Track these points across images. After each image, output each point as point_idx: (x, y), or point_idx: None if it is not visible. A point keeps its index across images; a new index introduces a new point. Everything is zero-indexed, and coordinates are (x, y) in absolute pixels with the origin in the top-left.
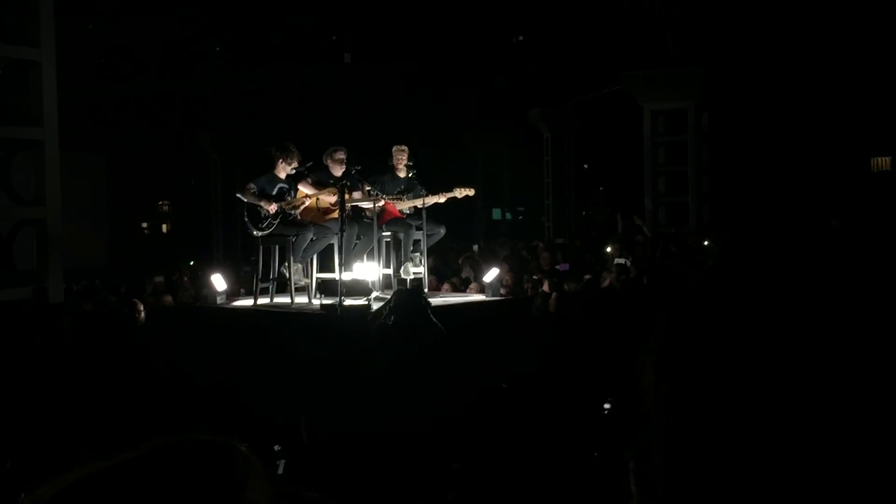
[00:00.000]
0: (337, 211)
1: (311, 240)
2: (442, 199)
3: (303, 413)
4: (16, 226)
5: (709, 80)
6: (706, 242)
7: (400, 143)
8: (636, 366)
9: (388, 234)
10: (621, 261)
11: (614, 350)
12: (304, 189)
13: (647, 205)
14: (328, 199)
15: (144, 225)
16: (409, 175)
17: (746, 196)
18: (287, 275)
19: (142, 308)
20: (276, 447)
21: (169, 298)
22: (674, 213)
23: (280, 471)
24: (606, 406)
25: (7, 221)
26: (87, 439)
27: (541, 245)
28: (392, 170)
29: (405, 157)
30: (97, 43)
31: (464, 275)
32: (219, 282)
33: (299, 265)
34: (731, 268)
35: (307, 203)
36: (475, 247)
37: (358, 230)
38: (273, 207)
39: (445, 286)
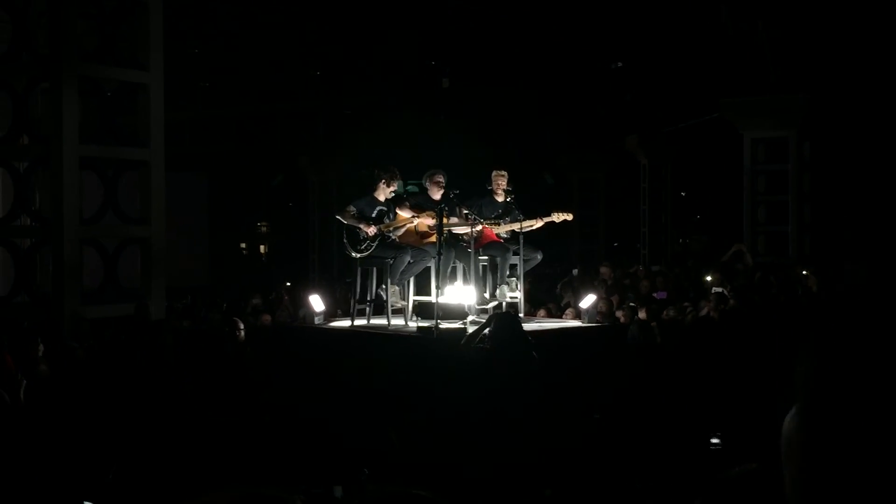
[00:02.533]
0: (434, 234)
1: (409, 262)
2: (539, 223)
3: (391, 428)
4: (121, 244)
5: (811, 108)
6: (805, 273)
7: (499, 168)
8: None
9: (485, 258)
10: (719, 289)
11: (713, 381)
12: (402, 213)
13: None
14: (426, 222)
15: (243, 245)
16: (507, 199)
17: (848, 226)
18: (384, 297)
19: (242, 326)
20: (365, 471)
21: (268, 318)
22: (773, 242)
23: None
24: (714, 441)
25: (113, 239)
26: (185, 454)
27: (640, 271)
28: (490, 194)
29: (504, 181)
30: (201, 66)
31: (563, 301)
32: (317, 302)
33: (396, 287)
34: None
35: (407, 226)
36: (574, 271)
37: (455, 254)
38: (372, 230)
39: (541, 312)
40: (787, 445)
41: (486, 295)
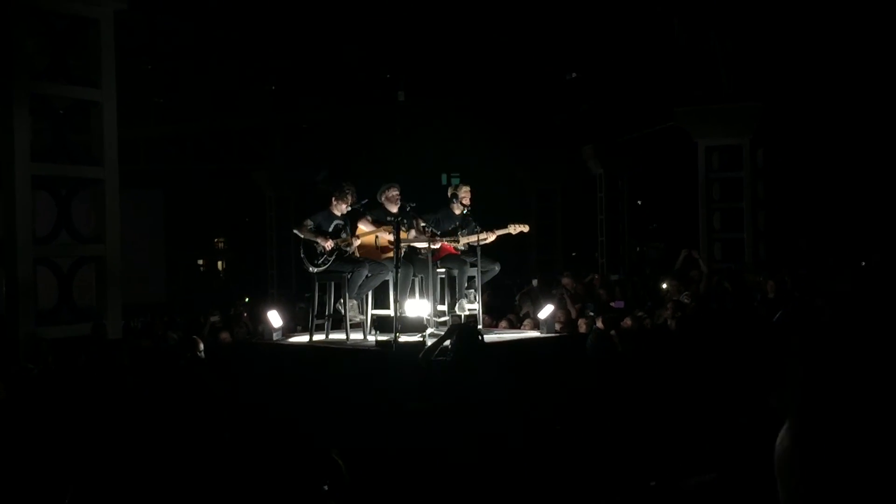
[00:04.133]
0: (392, 248)
1: (367, 276)
2: (494, 237)
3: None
4: (76, 262)
5: (764, 116)
6: (761, 279)
7: (463, 183)
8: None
9: (443, 270)
10: (685, 298)
11: (671, 389)
12: (363, 227)
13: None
14: (385, 236)
15: (200, 262)
16: (464, 212)
17: (802, 231)
18: (342, 311)
19: (202, 347)
20: (325, 487)
21: (226, 336)
22: (729, 249)
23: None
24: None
25: (68, 258)
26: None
27: (597, 280)
28: (446, 207)
29: (469, 195)
30: (154, 83)
31: (522, 311)
32: (275, 318)
33: (355, 302)
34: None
35: (362, 240)
36: (534, 282)
37: (414, 267)
38: (329, 244)
39: (503, 323)
40: (781, 461)
41: (444, 308)
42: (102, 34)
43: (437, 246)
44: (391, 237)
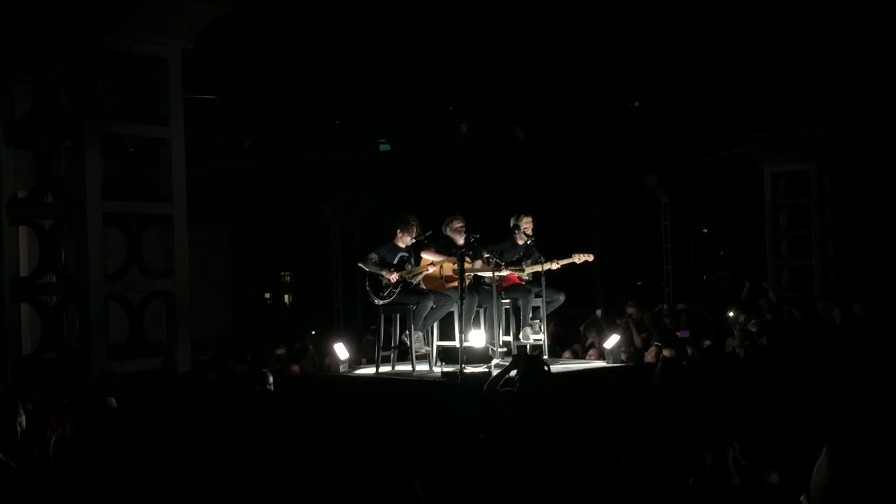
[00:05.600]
0: (457, 279)
1: (432, 308)
2: (560, 265)
3: (415, 477)
4: (146, 298)
5: (830, 141)
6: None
7: (525, 213)
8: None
9: (508, 301)
10: (752, 327)
11: (743, 419)
12: (427, 256)
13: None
14: (448, 266)
15: (267, 295)
16: (528, 242)
17: (874, 258)
18: (408, 343)
19: (271, 379)
20: None
21: (296, 368)
22: (797, 277)
23: None
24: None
25: (138, 294)
26: None
27: (665, 309)
28: (511, 237)
29: (531, 225)
30: (221, 119)
31: (587, 341)
32: (341, 350)
33: (420, 333)
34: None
35: (429, 271)
36: (598, 312)
37: (478, 298)
38: (394, 276)
39: (567, 353)
40: (818, 489)
41: (509, 338)
42: (170, 73)
43: (503, 275)
44: (453, 267)
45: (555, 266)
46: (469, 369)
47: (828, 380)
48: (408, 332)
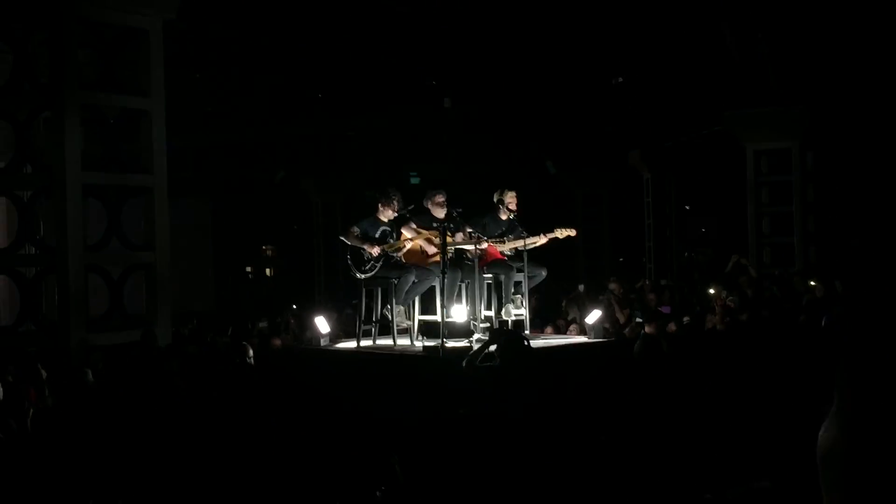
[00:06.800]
0: (439, 253)
1: (413, 282)
2: (543, 240)
3: (394, 454)
4: (126, 270)
5: (813, 119)
6: (813, 283)
7: (508, 188)
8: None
9: (490, 276)
10: (730, 303)
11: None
12: (407, 232)
13: None
14: (429, 247)
15: (248, 269)
16: (510, 217)
17: (855, 235)
18: (389, 317)
19: (251, 353)
20: (378, 492)
21: (278, 341)
22: (779, 254)
23: None
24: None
25: (118, 266)
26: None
27: (647, 285)
28: (493, 211)
29: (515, 201)
30: (203, 91)
31: (569, 317)
32: (322, 324)
33: (401, 307)
34: None
35: (409, 246)
36: (580, 287)
37: (461, 273)
38: (376, 250)
39: (548, 328)
40: (825, 450)
41: (490, 313)
42: (151, 44)
43: (484, 246)
44: (436, 241)
45: (541, 241)
46: (450, 344)
47: (841, 337)
48: (389, 307)
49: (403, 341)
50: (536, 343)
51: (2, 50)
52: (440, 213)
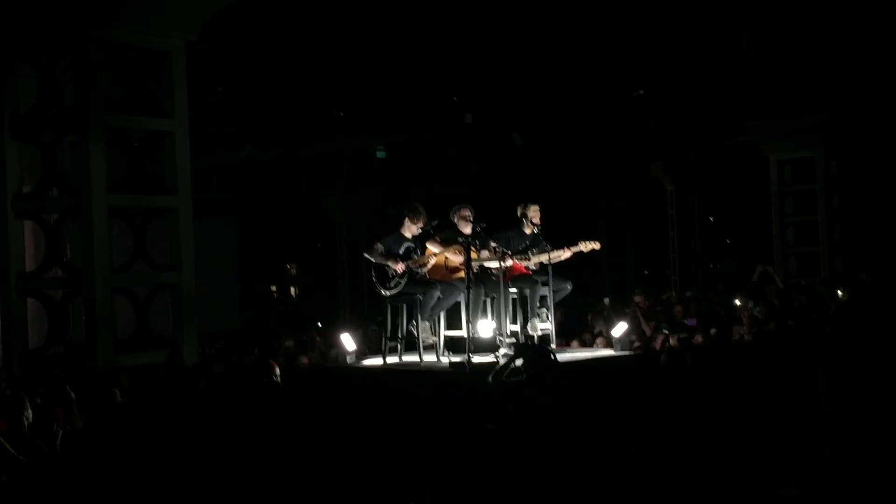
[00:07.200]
0: (463, 269)
1: (438, 298)
2: (567, 253)
3: (425, 483)
4: (153, 291)
5: (836, 127)
6: (839, 292)
7: (532, 202)
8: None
9: (515, 290)
10: (757, 313)
11: (748, 405)
12: (431, 247)
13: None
14: (455, 257)
15: (273, 288)
16: (534, 231)
17: (881, 243)
18: (415, 333)
19: (278, 371)
20: None
21: (305, 359)
22: (804, 263)
23: None
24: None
25: (144, 287)
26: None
27: (673, 297)
28: (517, 226)
29: (538, 214)
30: (225, 111)
31: (595, 330)
32: (348, 341)
33: (427, 323)
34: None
35: (434, 261)
36: (605, 300)
37: (485, 287)
38: (400, 267)
39: (575, 342)
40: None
41: (516, 328)
42: (174, 65)
43: (509, 264)
44: (460, 258)
45: (565, 254)
46: (476, 359)
47: (827, 342)
48: (414, 322)
49: (429, 357)
50: (563, 357)
51: (27, 74)
52: (466, 229)
